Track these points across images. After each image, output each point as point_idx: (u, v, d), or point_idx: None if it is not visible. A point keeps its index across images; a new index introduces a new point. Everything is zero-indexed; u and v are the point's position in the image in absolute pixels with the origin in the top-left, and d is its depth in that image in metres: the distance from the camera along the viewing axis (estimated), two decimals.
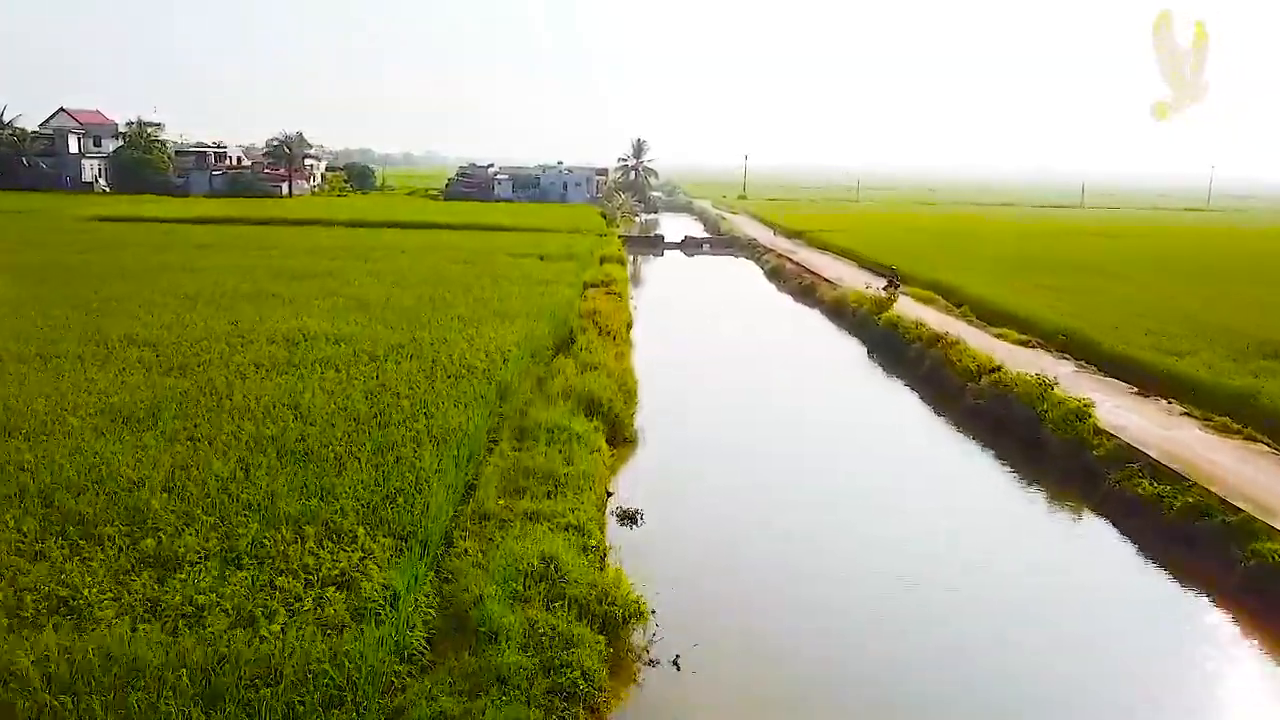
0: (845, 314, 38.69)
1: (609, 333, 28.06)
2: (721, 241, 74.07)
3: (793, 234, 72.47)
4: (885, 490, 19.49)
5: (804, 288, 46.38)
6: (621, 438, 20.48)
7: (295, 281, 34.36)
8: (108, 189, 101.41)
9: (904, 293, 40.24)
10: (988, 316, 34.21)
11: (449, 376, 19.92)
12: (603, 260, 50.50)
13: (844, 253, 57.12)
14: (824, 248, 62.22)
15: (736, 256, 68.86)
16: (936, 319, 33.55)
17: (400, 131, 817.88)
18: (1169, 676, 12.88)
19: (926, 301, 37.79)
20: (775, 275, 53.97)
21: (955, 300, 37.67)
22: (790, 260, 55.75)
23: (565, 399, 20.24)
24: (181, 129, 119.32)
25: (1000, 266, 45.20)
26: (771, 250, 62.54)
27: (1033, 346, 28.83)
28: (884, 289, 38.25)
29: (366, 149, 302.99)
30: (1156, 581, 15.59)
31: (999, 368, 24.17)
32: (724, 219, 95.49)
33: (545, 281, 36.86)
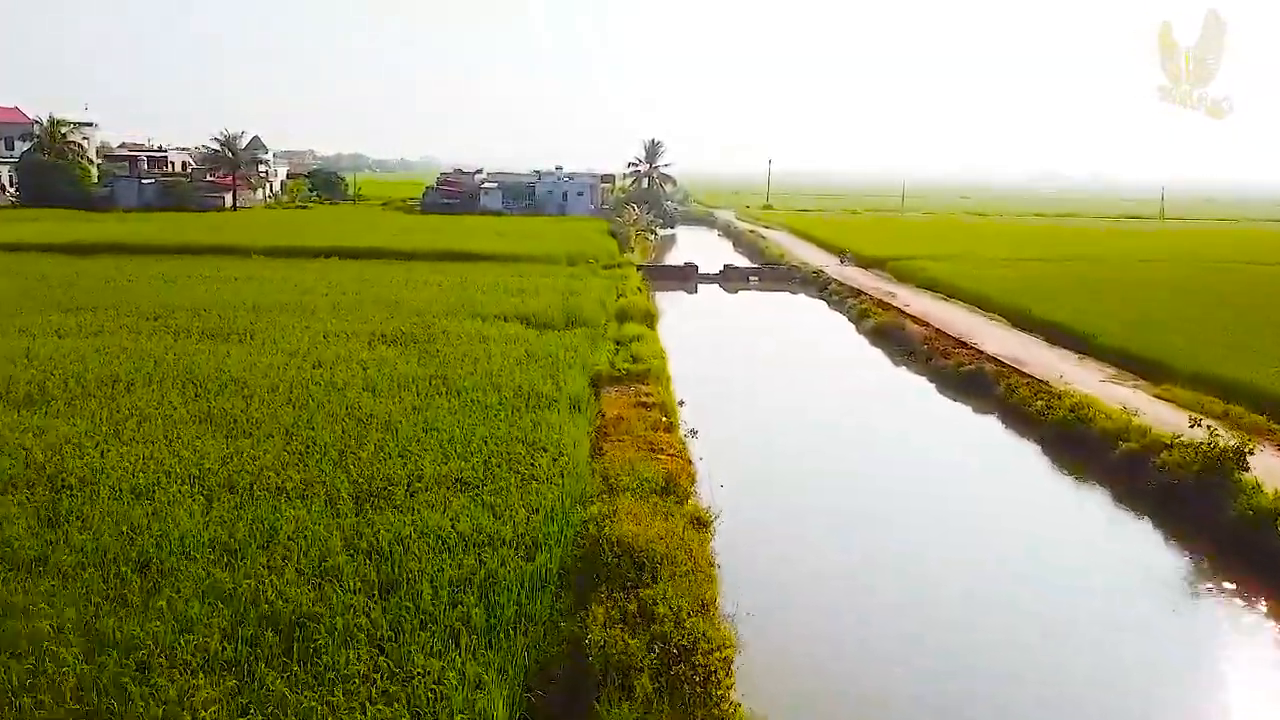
0: (1112, 462, 20.18)
1: (682, 649, 9.96)
2: (776, 273, 55.64)
3: (869, 262, 54.42)
4: None
5: (964, 375, 27.92)
6: None
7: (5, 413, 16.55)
8: (15, 200, 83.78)
9: (1156, 394, 22.28)
10: None
11: None
12: (621, 317, 32.92)
13: (974, 300, 39.10)
14: (929, 286, 44.18)
15: (795, 293, 50.92)
16: None
17: (400, 135, 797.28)
18: None
19: (1243, 427, 19.46)
20: (885, 337, 35.49)
21: None
22: (903, 313, 37.47)
23: None
24: (170, 130, 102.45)
25: None
26: (861, 292, 44.26)
27: None
28: None
29: (359, 154, 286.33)
30: None
31: None
32: (761, 237, 77.30)
33: (526, 398, 19.23)
